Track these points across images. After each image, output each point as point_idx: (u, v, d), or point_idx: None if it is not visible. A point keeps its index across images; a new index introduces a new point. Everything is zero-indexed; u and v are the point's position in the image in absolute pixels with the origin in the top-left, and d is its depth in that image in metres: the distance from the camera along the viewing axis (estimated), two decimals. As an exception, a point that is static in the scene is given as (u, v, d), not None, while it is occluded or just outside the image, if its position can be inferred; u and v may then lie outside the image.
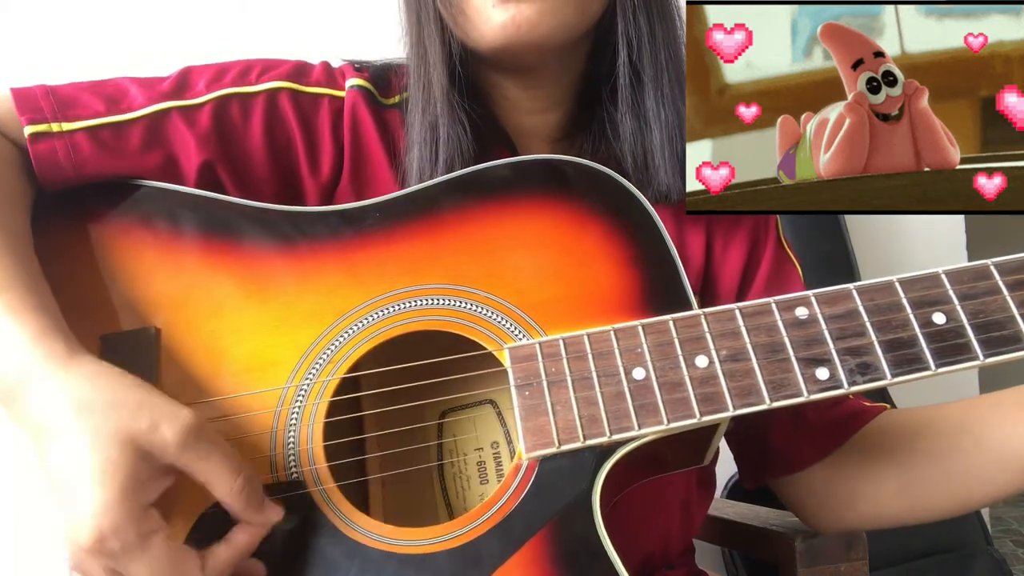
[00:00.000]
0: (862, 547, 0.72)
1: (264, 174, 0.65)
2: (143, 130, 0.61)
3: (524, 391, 0.50)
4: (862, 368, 0.48)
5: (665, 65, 0.64)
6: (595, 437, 0.48)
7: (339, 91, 0.67)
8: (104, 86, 0.62)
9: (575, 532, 0.48)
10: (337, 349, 0.54)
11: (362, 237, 0.58)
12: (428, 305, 0.55)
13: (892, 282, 0.50)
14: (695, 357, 0.50)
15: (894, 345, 0.48)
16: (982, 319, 0.48)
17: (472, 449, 0.61)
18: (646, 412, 0.48)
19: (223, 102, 0.64)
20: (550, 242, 0.56)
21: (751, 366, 0.49)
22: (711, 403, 0.48)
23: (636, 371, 0.50)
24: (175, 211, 0.59)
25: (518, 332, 0.53)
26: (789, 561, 0.72)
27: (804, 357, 0.49)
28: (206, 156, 0.62)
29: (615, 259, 0.55)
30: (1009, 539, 2.23)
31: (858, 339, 0.49)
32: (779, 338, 0.49)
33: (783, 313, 0.50)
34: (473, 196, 0.58)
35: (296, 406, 0.53)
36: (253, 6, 1.22)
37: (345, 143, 0.66)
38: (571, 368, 0.50)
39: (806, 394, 0.48)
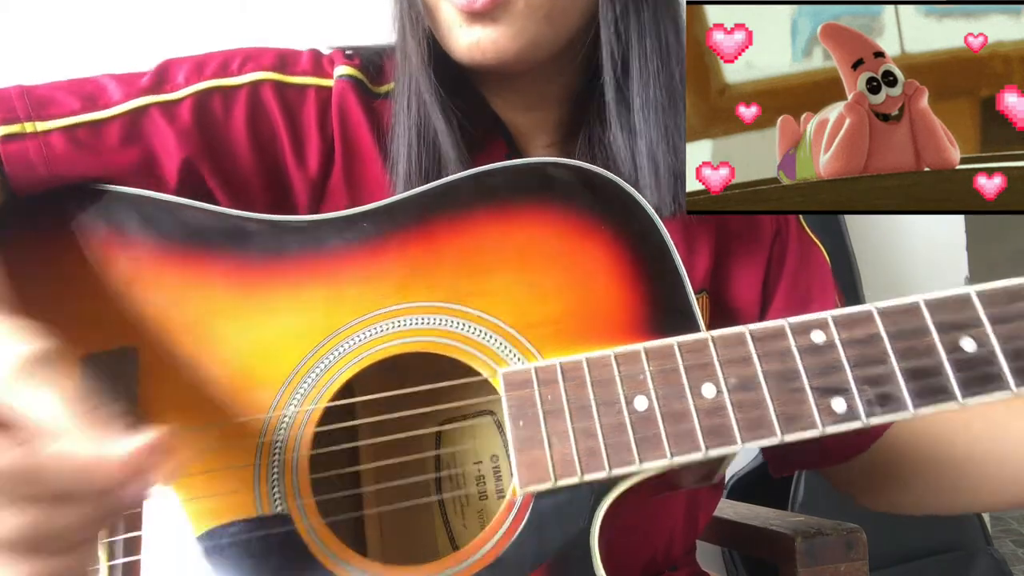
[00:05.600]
0: (862, 547, 0.72)
1: (249, 171, 0.62)
2: (121, 127, 0.58)
3: (518, 421, 0.47)
4: (882, 399, 0.45)
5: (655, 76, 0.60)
6: (594, 472, 0.45)
7: (327, 80, 0.64)
8: (82, 84, 0.60)
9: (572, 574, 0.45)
10: (323, 372, 0.51)
11: (349, 250, 0.55)
12: (419, 325, 0.52)
13: (917, 304, 0.47)
14: (701, 385, 0.46)
15: (917, 374, 0.45)
16: (1016, 345, 0.45)
17: (471, 463, 0.59)
18: (648, 446, 0.45)
19: (204, 96, 0.61)
20: (548, 255, 0.52)
21: (762, 396, 0.45)
22: (718, 436, 0.45)
23: (638, 400, 0.46)
24: (153, 221, 0.56)
25: (513, 355, 0.50)
26: (789, 561, 0.72)
27: (819, 387, 0.45)
28: (187, 153, 0.59)
29: (617, 274, 0.51)
30: (1009, 539, 2.23)
31: (878, 367, 0.45)
32: (793, 365, 0.46)
33: (798, 337, 0.46)
34: (466, 204, 0.54)
35: (280, 435, 0.50)
36: (252, 4, 1.22)
37: (335, 137, 0.63)
38: (569, 396, 0.47)
39: (820, 427, 0.45)
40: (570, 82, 0.66)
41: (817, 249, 0.70)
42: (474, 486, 0.59)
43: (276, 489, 0.48)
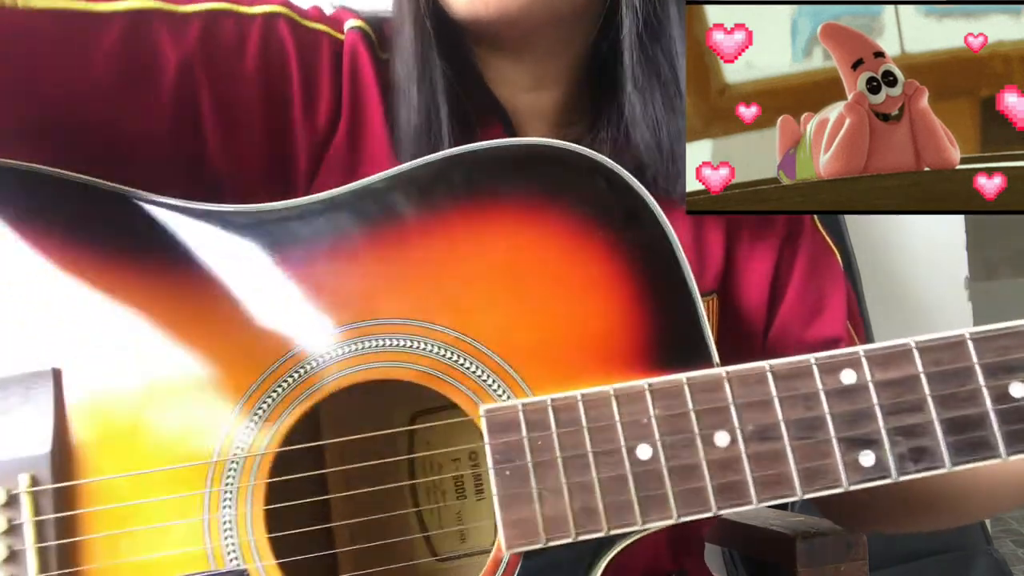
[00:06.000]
0: (862, 547, 0.72)
1: (252, 112, 0.54)
2: (121, 29, 0.49)
3: (504, 471, 0.41)
4: (915, 453, 0.40)
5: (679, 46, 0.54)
6: (590, 532, 0.40)
7: (338, 33, 0.58)
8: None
9: None
10: (273, 404, 0.44)
11: (303, 249, 0.46)
12: (385, 347, 0.44)
13: (963, 340, 0.41)
14: (714, 434, 0.41)
15: (958, 425, 0.40)
16: None
17: (449, 460, 0.53)
18: (652, 505, 0.40)
19: (215, 16, 0.53)
20: (539, 265, 0.45)
21: (782, 448, 0.40)
22: (731, 494, 0.40)
23: (641, 449, 0.41)
24: (79, 215, 0.47)
25: (497, 387, 0.43)
26: (789, 561, 0.72)
27: (847, 438, 0.40)
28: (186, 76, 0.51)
29: (618, 291, 0.45)
30: (1009, 539, 2.23)
31: (914, 415, 0.40)
32: (818, 412, 0.41)
33: (825, 377, 0.41)
34: (441, 194, 0.46)
35: (229, 482, 0.43)
36: None
37: (344, 91, 0.56)
38: (562, 443, 0.41)
39: (845, 485, 0.40)
40: (573, 61, 0.60)
41: (832, 253, 0.66)
42: (452, 486, 0.53)
43: (230, 543, 0.43)
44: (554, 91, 0.60)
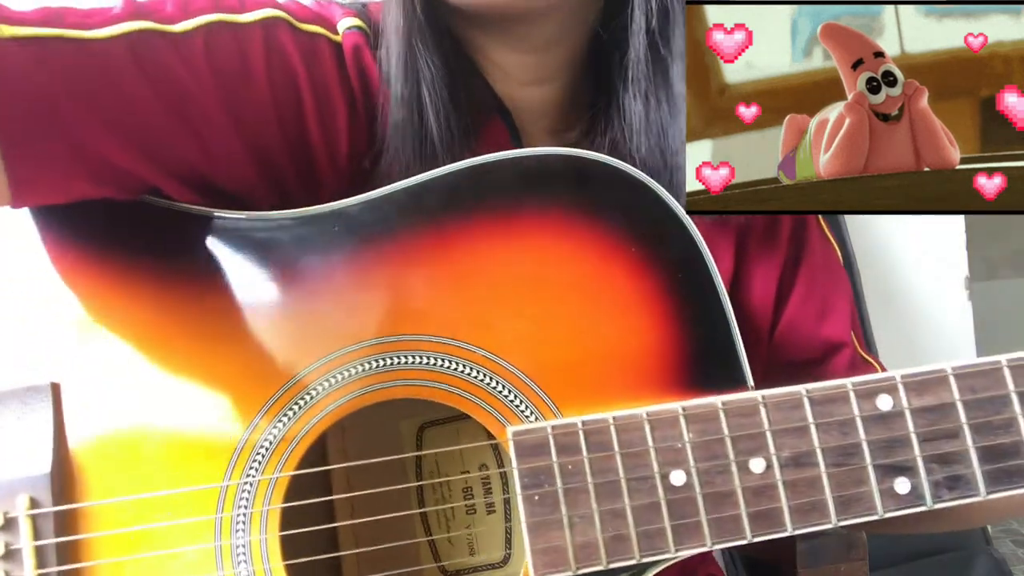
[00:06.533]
0: (862, 547, 0.71)
1: (273, 132, 0.50)
2: (123, 52, 0.44)
3: (533, 496, 0.39)
4: (951, 481, 0.40)
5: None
6: (621, 560, 0.39)
7: (334, 34, 0.54)
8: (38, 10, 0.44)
9: None
10: (289, 424, 0.41)
11: (321, 262, 0.43)
12: (409, 365, 0.42)
13: (1000, 366, 0.41)
14: (750, 460, 0.40)
15: (994, 454, 0.40)
16: None
17: (457, 471, 0.52)
18: (686, 532, 0.40)
19: (213, 32, 0.47)
20: (568, 281, 0.43)
21: (818, 474, 0.40)
22: (766, 522, 0.40)
23: (675, 475, 0.40)
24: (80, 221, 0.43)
25: (525, 407, 0.42)
26: (789, 561, 0.72)
27: (883, 465, 0.40)
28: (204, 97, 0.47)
29: (649, 309, 0.43)
30: (1009, 539, 2.23)
31: (951, 443, 0.40)
32: (855, 439, 0.40)
33: (862, 402, 0.40)
34: (462, 206, 0.44)
35: (242, 509, 0.41)
36: None
37: (356, 97, 0.53)
38: (593, 468, 0.40)
39: (880, 512, 0.40)
40: (576, 49, 0.56)
41: (834, 252, 0.65)
42: (461, 497, 0.52)
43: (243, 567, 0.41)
44: (554, 85, 0.57)
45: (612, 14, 0.54)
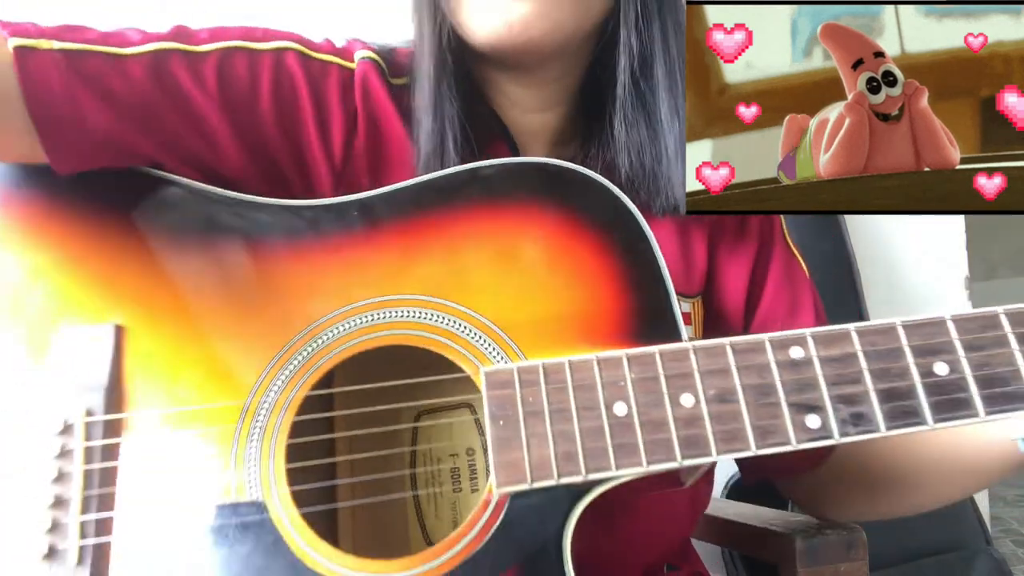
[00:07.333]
0: (862, 547, 0.71)
1: (273, 140, 0.60)
2: (144, 68, 0.56)
3: (499, 421, 0.47)
4: (855, 418, 0.46)
5: (680, 77, 0.61)
6: (570, 475, 0.46)
7: (348, 62, 0.64)
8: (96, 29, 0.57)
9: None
10: (304, 360, 0.51)
11: (338, 238, 0.55)
12: (403, 317, 0.52)
13: (895, 326, 0.47)
14: (681, 395, 0.47)
15: (891, 395, 0.46)
16: (987, 372, 0.46)
17: (447, 455, 0.59)
18: (625, 452, 0.46)
19: (228, 54, 0.59)
20: (536, 255, 0.53)
21: (739, 409, 0.46)
22: (694, 447, 0.46)
23: (618, 406, 0.47)
24: (146, 199, 0.56)
25: (496, 353, 0.50)
26: (789, 561, 0.72)
27: (795, 403, 0.46)
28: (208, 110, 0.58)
29: (604, 280, 0.52)
30: (1009, 539, 2.23)
31: (853, 386, 0.46)
32: (771, 380, 0.47)
33: (777, 352, 0.47)
34: (456, 199, 0.55)
35: (258, 423, 0.50)
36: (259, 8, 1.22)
37: (359, 115, 0.63)
38: (550, 398, 0.47)
39: (794, 443, 0.45)
40: (574, 84, 0.66)
41: (798, 263, 0.72)
42: (449, 480, 0.59)
43: (252, 477, 0.49)
44: (556, 112, 0.67)
45: (605, 55, 0.64)
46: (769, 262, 0.70)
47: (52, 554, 0.47)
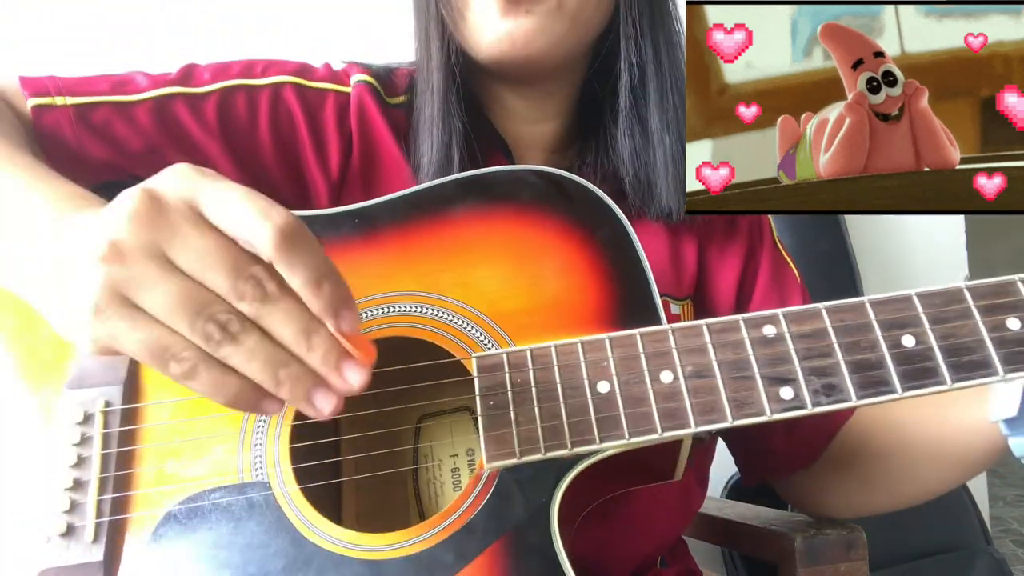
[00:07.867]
0: (862, 547, 0.72)
1: (272, 167, 0.65)
2: (148, 112, 0.61)
3: (489, 400, 0.49)
4: (827, 389, 0.48)
5: (670, 91, 0.65)
6: (556, 449, 0.48)
7: (344, 87, 0.68)
8: (111, 75, 0.63)
9: (531, 545, 0.47)
10: None
11: (340, 241, 0.58)
12: (400, 312, 0.55)
13: (863, 303, 0.50)
14: (660, 372, 0.49)
15: (861, 366, 0.48)
16: (952, 343, 0.48)
17: (448, 455, 0.62)
18: (608, 426, 0.48)
19: (229, 93, 0.64)
20: (525, 253, 0.56)
21: (715, 383, 0.48)
22: (673, 419, 0.48)
23: (601, 384, 0.49)
24: None
25: (487, 341, 0.53)
26: (789, 561, 0.72)
27: (769, 376, 0.48)
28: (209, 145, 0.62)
29: (589, 273, 0.55)
30: (1009, 539, 2.23)
31: (825, 359, 0.48)
32: (745, 356, 0.49)
33: (751, 330, 0.49)
34: (451, 204, 0.58)
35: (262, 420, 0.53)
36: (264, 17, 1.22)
37: (353, 137, 0.67)
38: (536, 379, 0.50)
39: (768, 413, 0.47)
40: (570, 96, 0.70)
41: (788, 266, 0.73)
42: (449, 477, 0.61)
43: (258, 458, 0.52)
44: (553, 123, 0.70)
45: (601, 68, 0.68)
46: (758, 264, 0.72)
47: (70, 532, 0.49)
